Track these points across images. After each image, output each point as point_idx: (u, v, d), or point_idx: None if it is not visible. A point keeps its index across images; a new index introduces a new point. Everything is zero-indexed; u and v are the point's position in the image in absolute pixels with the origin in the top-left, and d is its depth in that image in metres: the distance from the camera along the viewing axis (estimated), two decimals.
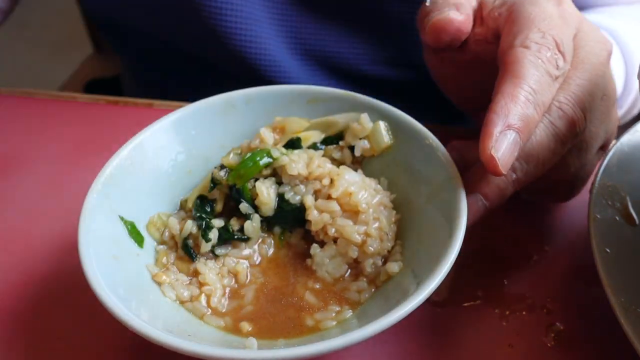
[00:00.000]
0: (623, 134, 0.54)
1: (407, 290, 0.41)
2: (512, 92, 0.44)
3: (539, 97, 0.44)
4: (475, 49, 0.53)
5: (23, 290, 0.52)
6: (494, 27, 0.51)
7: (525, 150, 0.45)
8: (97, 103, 0.74)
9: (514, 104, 0.43)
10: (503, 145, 0.42)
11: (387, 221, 0.47)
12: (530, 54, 0.45)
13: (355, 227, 0.46)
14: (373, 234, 0.46)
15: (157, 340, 0.37)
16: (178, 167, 0.53)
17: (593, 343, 0.47)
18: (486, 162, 0.42)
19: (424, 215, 0.48)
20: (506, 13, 0.50)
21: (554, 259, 0.54)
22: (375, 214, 0.47)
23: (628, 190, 0.51)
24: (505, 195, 0.46)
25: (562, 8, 0.50)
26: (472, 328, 0.48)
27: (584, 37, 0.50)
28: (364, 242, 0.46)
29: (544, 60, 0.45)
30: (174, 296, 0.46)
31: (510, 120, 0.43)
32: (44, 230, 0.57)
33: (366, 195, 0.47)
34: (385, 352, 0.47)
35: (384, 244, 0.47)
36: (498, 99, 0.44)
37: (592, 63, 0.49)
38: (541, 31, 0.47)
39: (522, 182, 0.46)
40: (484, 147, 0.42)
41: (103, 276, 0.41)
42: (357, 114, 0.53)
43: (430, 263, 0.41)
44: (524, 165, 0.46)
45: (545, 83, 0.45)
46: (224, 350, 0.37)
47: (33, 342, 0.48)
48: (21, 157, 0.66)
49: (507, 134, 0.42)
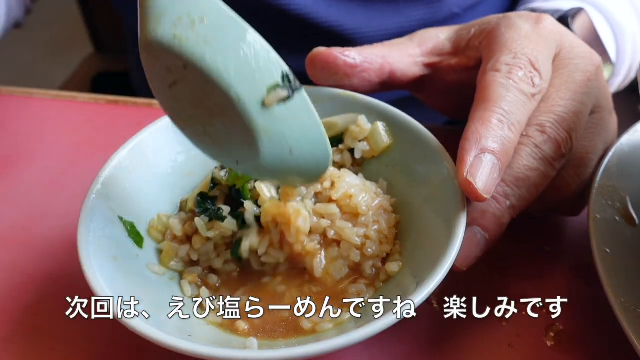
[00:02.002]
0: (623, 134, 0.54)
1: (406, 290, 0.41)
2: (483, 116, 0.43)
3: (513, 117, 0.44)
4: (458, 77, 0.54)
5: (23, 290, 0.52)
6: (476, 56, 0.52)
7: (514, 176, 0.45)
8: (97, 103, 0.74)
9: (485, 127, 0.43)
10: (479, 169, 0.41)
11: (387, 224, 0.47)
12: (500, 76, 0.45)
13: (355, 230, 0.46)
14: (372, 237, 0.46)
15: (157, 340, 0.37)
16: (178, 167, 0.53)
17: (593, 343, 0.47)
18: (464, 188, 0.42)
19: (424, 215, 0.48)
20: (485, 41, 0.51)
21: (554, 259, 0.54)
22: (375, 217, 0.47)
23: (628, 190, 0.51)
24: (503, 224, 0.45)
25: (540, 26, 0.50)
26: (472, 328, 0.48)
27: (567, 54, 0.50)
28: (363, 245, 0.46)
29: (516, 80, 0.45)
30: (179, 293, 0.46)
31: (484, 144, 0.42)
32: (44, 230, 0.57)
33: (367, 198, 0.47)
34: (385, 352, 0.47)
35: (384, 246, 0.47)
36: (469, 125, 0.43)
37: (577, 81, 0.49)
38: (513, 52, 0.47)
39: (517, 209, 0.46)
40: (459, 173, 0.42)
41: (102, 276, 0.41)
42: (356, 115, 0.53)
43: (430, 263, 0.41)
44: (516, 191, 0.45)
45: (518, 102, 0.44)
46: (225, 351, 0.37)
47: (33, 342, 0.48)
48: (21, 157, 0.66)
49: (481, 158, 0.42)
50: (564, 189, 0.50)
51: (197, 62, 0.36)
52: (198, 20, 0.36)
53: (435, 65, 0.54)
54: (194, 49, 0.36)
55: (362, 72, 0.52)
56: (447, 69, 0.54)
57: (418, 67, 0.54)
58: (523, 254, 0.54)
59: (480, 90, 0.46)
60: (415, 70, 0.54)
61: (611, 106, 0.53)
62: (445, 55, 0.54)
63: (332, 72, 0.51)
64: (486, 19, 0.53)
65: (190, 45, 0.36)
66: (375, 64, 0.52)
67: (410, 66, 0.53)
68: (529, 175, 0.45)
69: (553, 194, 0.50)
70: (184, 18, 0.36)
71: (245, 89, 0.37)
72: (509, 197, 0.45)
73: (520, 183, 0.45)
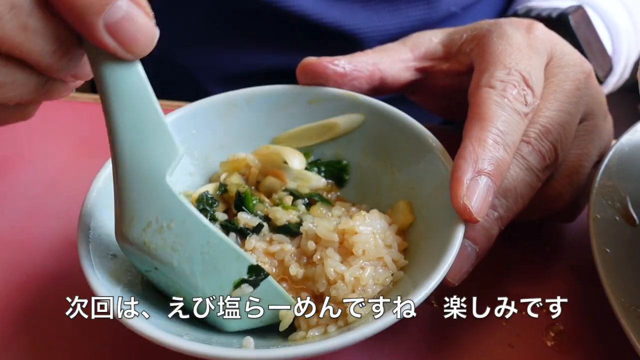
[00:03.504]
0: (623, 134, 0.54)
1: (405, 290, 0.41)
2: (480, 135, 0.43)
3: (508, 138, 0.44)
4: (450, 82, 0.54)
5: (23, 290, 0.52)
6: (467, 62, 0.52)
7: (502, 187, 0.45)
8: (97, 103, 0.73)
9: (482, 148, 0.42)
10: (475, 192, 0.41)
11: (380, 279, 0.44)
12: (495, 94, 0.45)
13: (335, 261, 0.44)
14: (363, 279, 0.43)
15: (156, 340, 0.37)
16: (178, 166, 0.53)
17: (593, 343, 0.47)
18: (459, 211, 0.41)
19: (423, 215, 0.48)
20: (476, 49, 0.51)
21: (554, 259, 0.54)
22: (369, 263, 0.44)
23: (628, 190, 0.51)
24: (492, 235, 0.45)
25: (532, 36, 0.50)
26: (472, 328, 0.48)
27: (557, 62, 0.50)
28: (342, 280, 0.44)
29: (510, 99, 0.45)
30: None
31: (480, 166, 0.42)
32: (44, 230, 0.57)
33: (370, 246, 0.44)
34: (384, 352, 0.47)
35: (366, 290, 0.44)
36: (466, 143, 0.43)
37: (565, 91, 0.49)
38: (507, 67, 0.47)
39: (505, 220, 0.46)
40: (455, 196, 0.41)
41: (101, 274, 0.41)
42: (357, 115, 0.53)
43: (429, 263, 0.41)
44: (503, 202, 0.45)
45: (513, 122, 0.44)
46: (224, 350, 0.37)
47: (33, 342, 0.48)
48: (21, 157, 0.67)
49: (478, 180, 0.42)
50: (558, 200, 0.50)
51: (167, 267, 0.40)
52: (166, 226, 0.39)
53: (427, 69, 0.55)
54: (163, 255, 0.40)
55: (352, 80, 0.52)
56: (438, 74, 0.54)
57: (410, 72, 0.54)
58: (523, 254, 0.54)
59: (474, 106, 0.45)
60: (407, 75, 0.54)
61: (605, 111, 0.53)
62: (437, 60, 0.54)
63: (322, 81, 0.52)
64: (478, 24, 0.53)
65: (159, 252, 0.39)
66: (366, 71, 0.52)
67: (401, 71, 0.54)
68: (516, 185, 0.46)
69: (547, 204, 0.50)
70: (152, 223, 0.39)
71: (212, 289, 0.41)
72: (496, 208, 0.45)
73: (508, 194, 0.45)
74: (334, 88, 0.53)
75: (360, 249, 0.44)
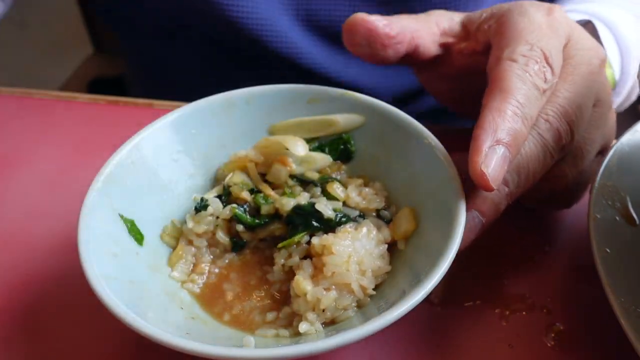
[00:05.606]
0: (623, 134, 0.54)
1: (405, 289, 0.41)
2: (500, 106, 0.43)
3: (527, 111, 0.44)
4: (465, 62, 0.54)
5: (23, 290, 0.52)
6: (484, 40, 0.52)
7: (515, 163, 0.45)
8: (97, 103, 0.74)
9: (502, 118, 0.43)
10: (492, 160, 0.42)
11: (342, 305, 0.44)
12: (517, 67, 0.45)
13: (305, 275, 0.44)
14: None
15: (156, 339, 0.37)
16: (178, 166, 0.53)
17: (593, 343, 0.47)
18: (476, 178, 0.42)
19: (423, 214, 0.48)
20: (495, 25, 0.51)
21: (554, 259, 0.54)
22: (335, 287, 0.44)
23: (628, 190, 0.51)
24: (500, 209, 0.45)
25: (552, 17, 0.50)
26: (472, 328, 0.48)
27: (574, 45, 0.50)
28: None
29: (532, 74, 0.45)
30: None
31: (499, 135, 0.42)
32: (44, 230, 0.57)
33: (341, 270, 0.44)
34: (384, 352, 0.47)
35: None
36: (485, 113, 0.43)
37: (582, 73, 0.49)
38: (529, 43, 0.47)
39: (514, 195, 0.46)
40: (473, 163, 0.42)
41: (102, 273, 0.41)
42: (357, 116, 0.53)
43: (429, 262, 0.41)
44: (515, 178, 0.45)
45: (532, 96, 0.45)
46: (224, 349, 0.37)
47: (33, 342, 0.48)
48: (21, 157, 0.67)
49: (496, 149, 0.42)
50: (561, 179, 0.50)
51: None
52: None
53: (447, 45, 0.55)
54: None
55: (397, 44, 0.52)
56: (456, 52, 0.54)
57: (435, 46, 0.54)
58: (523, 254, 0.54)
59: (495, 79, 0.46)
60: (434, 48, 0.54)
61: (611, 102, 0.53)
62: (457, 38, 0.54)
63: (370, 40, 0.51)
64: (498, 5, 0.53)
65: None
66: (408, 37, 0.52)
67: (431, 44, 0.54)
68: (529, 162, 0.46)
69: (550, 183, 0.50)
70: None
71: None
72: (507, 183, 0.45)
73: (521, 170, 0.46)
74: (333, 88, 0.53)
75: (330, 270, 0.44)
